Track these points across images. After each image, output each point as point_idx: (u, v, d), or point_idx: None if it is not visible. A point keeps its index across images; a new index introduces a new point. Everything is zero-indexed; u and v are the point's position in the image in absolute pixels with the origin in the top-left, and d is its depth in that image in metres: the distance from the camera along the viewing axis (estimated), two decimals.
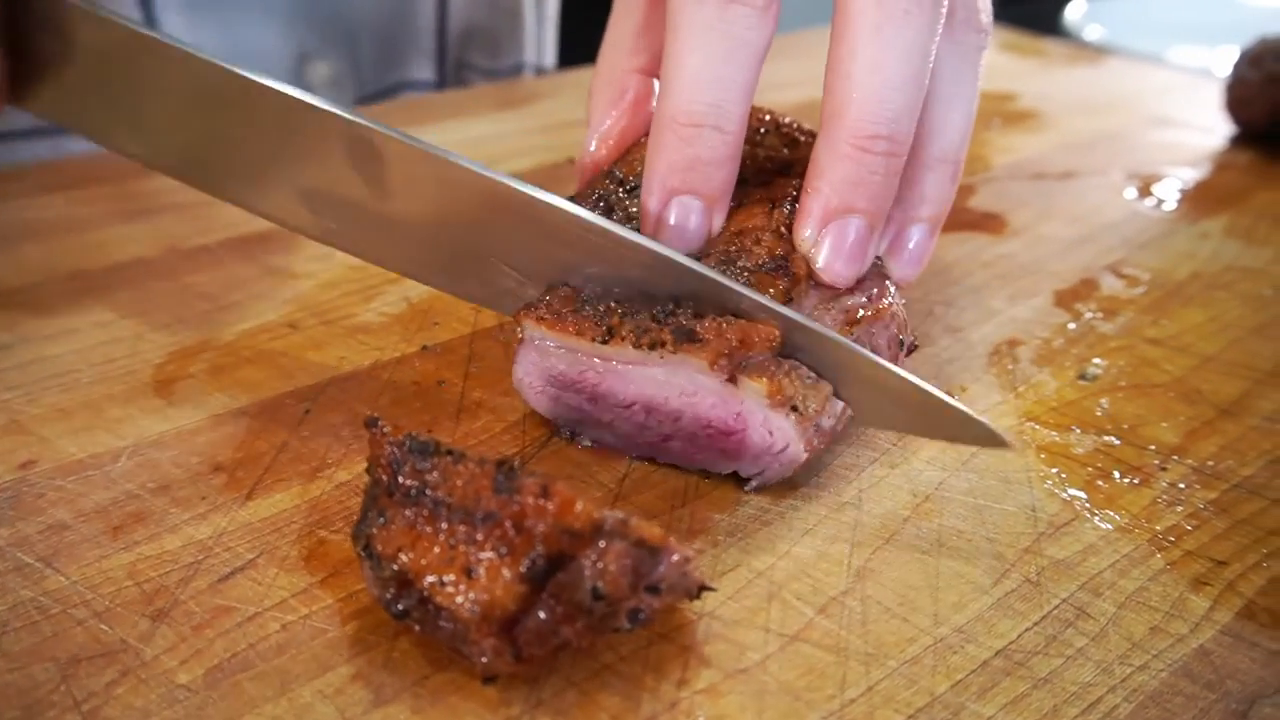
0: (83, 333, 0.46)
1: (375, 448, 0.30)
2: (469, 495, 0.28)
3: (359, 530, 0.29)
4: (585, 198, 0.42)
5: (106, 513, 0.35)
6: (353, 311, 0.49)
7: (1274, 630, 0.33)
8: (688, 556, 0.29)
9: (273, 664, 0.30)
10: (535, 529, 0.28)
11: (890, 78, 0.36)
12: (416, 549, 0.28)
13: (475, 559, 0.28)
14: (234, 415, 0.41)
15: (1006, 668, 0.31)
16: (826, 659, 0.31)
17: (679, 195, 0.38)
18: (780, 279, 0.37)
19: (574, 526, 0.28)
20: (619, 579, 0.28)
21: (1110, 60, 0.96)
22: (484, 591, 0.27)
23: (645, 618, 0.29)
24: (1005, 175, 0.68)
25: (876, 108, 0.36)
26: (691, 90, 0.37)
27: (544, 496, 0.28)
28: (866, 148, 0.36)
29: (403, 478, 0.29)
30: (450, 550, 0.28)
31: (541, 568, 0.28)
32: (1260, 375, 0.46)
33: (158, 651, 0.30)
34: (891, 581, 0.34)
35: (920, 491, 0.38)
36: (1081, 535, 0.36)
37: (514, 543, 0.28)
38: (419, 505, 0.28)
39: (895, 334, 0.39)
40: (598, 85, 0.47)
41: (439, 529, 0.28)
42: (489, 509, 0.28)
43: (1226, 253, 0.59)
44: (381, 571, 0.28)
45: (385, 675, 0.29)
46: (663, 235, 0.38)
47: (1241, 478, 0.40)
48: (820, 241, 0.38)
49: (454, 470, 0.28)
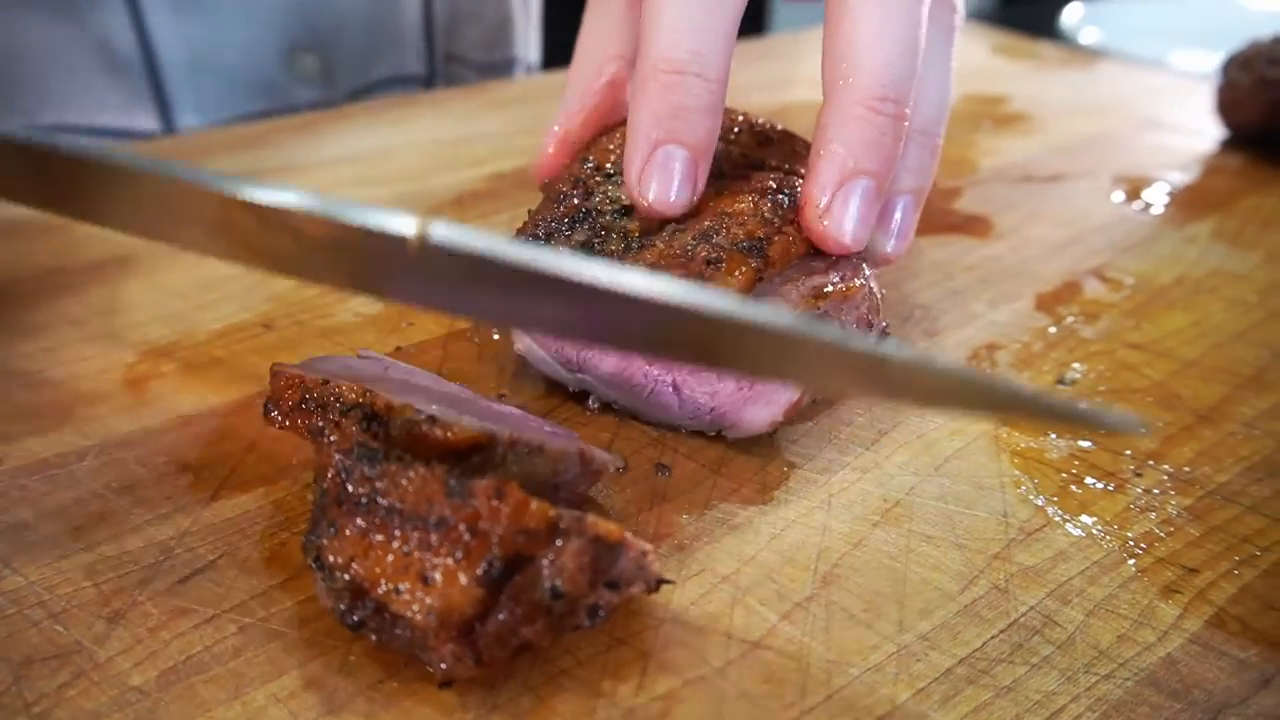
0: (55, 331, 0.46)
1: (322, 457, 0.29)
2: (421, 501, 0.28)
3: (309, 542, 0.29)
4: (562, 183, 0.42)
5: (69, 513, 0.35)
6: (329, 312, 0.48)
7: (1243, 639, 0.32)
8: (645, 550, 0.29)
9: (228, 667, 0.29)
10: (490, 531, 0.27)
11: (894, 45, 0.37)
12: (369, 558, 0.28)
13: (430, 565, 0.27)
14: (203, 415, 0.41)
15: (970, 675, 0.30)
16: (788, 666, 0.30)
17: (664, 145, 0.37)
18: (752, 259, 0.36)
19: (530, 526, 0.27)
20: (578, 576, 0.28)
21: (1104, 63, 0.96)
22: (440, 597, 0.27)
23: (605, 614, 0.28)
24: (992, 178, 0.68)
25: (885, 71, 0.37)
26: (672, 38, 0.37)
27: (498, 498, 0.27)
28: (878, 109, 0.37)
29: (351, 486, 0.28)
30: (404, 558, 0.27)
31: (498, 570, 0.27)
32: (1241, 381, 0.46)
33: (112, 653, 0.30)
34: (857, 587, 0.33)
35: (891, 496, 0.38)
36: (1052, 542, 0.36)
37: (469, 546, 0.27)
38: (370, 513, 0.28)
39: (865, 314, 0.39)
40: (574, 71, 0.47)
41: (391, 536, 0.28)
42: (442, 514, 0.27)
43: (1212, 257, 0.58)
44: (333, 583, 0.28)
45: (340, 679, 0.29)
46: (648, 188, 0.37)
47: (1217, 484, 0.39)
48: (835, 203, 0.37)
49: (404, 476, 0.28)
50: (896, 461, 0.40)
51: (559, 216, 0.40)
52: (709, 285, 0.36)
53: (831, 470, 0.39)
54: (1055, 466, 0.40)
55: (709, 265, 0.36)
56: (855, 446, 0.40)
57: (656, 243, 0.38)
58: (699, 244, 0.37)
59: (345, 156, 0.66)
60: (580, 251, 0.38)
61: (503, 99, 0.79)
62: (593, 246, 0.39)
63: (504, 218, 0.58)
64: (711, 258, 0.36)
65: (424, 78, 0.83)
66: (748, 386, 0.38)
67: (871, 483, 0.38)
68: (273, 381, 0.34)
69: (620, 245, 0.38)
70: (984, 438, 0.41)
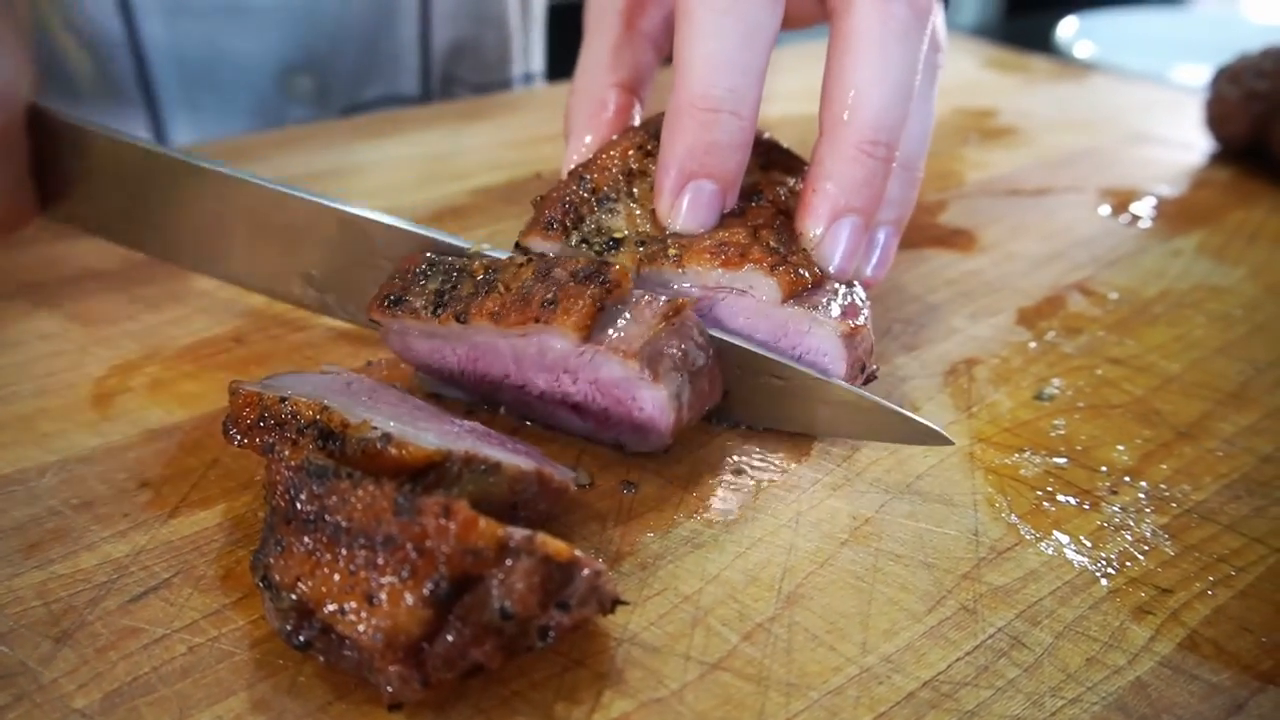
0: (26, 345, 0.46)
1: (273, 474, 0.29)
2: (369, 519, 0.27)
3: (257, 560, 0.29)
4: (553, 205, 0.42)
5: (24, 530, 0.34)
6: (301, 327, 0.48)
7: (1215, 662, 0.32)
8: (599, 570, 0.28)
9: (174, 689, 0.29)
10: (438, 550, 0.27)
11: (892, 90, 0.39)
12: (315, 577, 0.27)
13: (376, 584, 0.27)
14: (168, 430, 0.40)
15: (933, 700, 0.30)
16: (746, 689, 0.30)
17: (696, 179, 0.39)
18: (591, 285, 0.36)
19: (478, 546, 0.27)
20: (528, 597, 0.27)
21: (1095, 77, 0.95)
22: (386, 617, 0.27)
23: (556, 635, 0.28)
24: (978, 191, 0.67)
25: (882, 115, 0.39)
26: (709, 75, 0.38)
27: (445, 516, 0.27)
28: (871, 152, 0.39)
29: (300, 504, 0.28)
30: (350, 577, 0.27)
31: (446, 590, 0.27)
32: (1222, 396, 0.45)
33: (57, 674, 0.29)
34: (822, 608, 0.33)
35: (860, 514, 0.37)
36: (1024, 561, 0.35)
37: (416, 565, 0.27)
38: (317, 531, 0.28)
39: (860, 356, 0.40)
40: (575, 102, 0.47)
41: (338, 555, 0.27)
42: (389, 532, 0.27)
43: (1197, 271, 0.58)
44: (280, 602, 0.28)
45: (288, 700, 0.29)
46: (678, 218, 0.40)
47: (1194, 502, 0.39)
48: (826, 237, 0.40)
49: (353, 493, 0.27)
50: (868, 478, 0.39)
51: (422, 269, 0.40)
52: (549, 329, 0.36)
53: (801, 487, 0.38)
54: (1029, 484, 0.39)
55: (544, 307, 0.36)
56: (827, 462, 0.40)
57: (499, 285, 0.37)
58: (535, 284, 0.37)
59: (330, 170, 0.66)
60: (433, 299, 0.39)
61: (490, 113, 0.79)
62: (443, 296, 0.38)
63: (482, 233, 0.58)
64: (548, 298, 0.36)
65: (418, 99, 0.83)
66: (637, 409, 0.37)
67: (842, 499, 0.38)
68: (231, 400, 0.34)
69: (469, 290, 0.38)
70: (958, 454, 0.41)
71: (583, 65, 0.48)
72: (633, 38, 0.46)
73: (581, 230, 0.41)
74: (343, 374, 0.39)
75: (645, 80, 0.47)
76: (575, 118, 0.47)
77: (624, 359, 0.35)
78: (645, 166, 0.42)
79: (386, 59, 0.80)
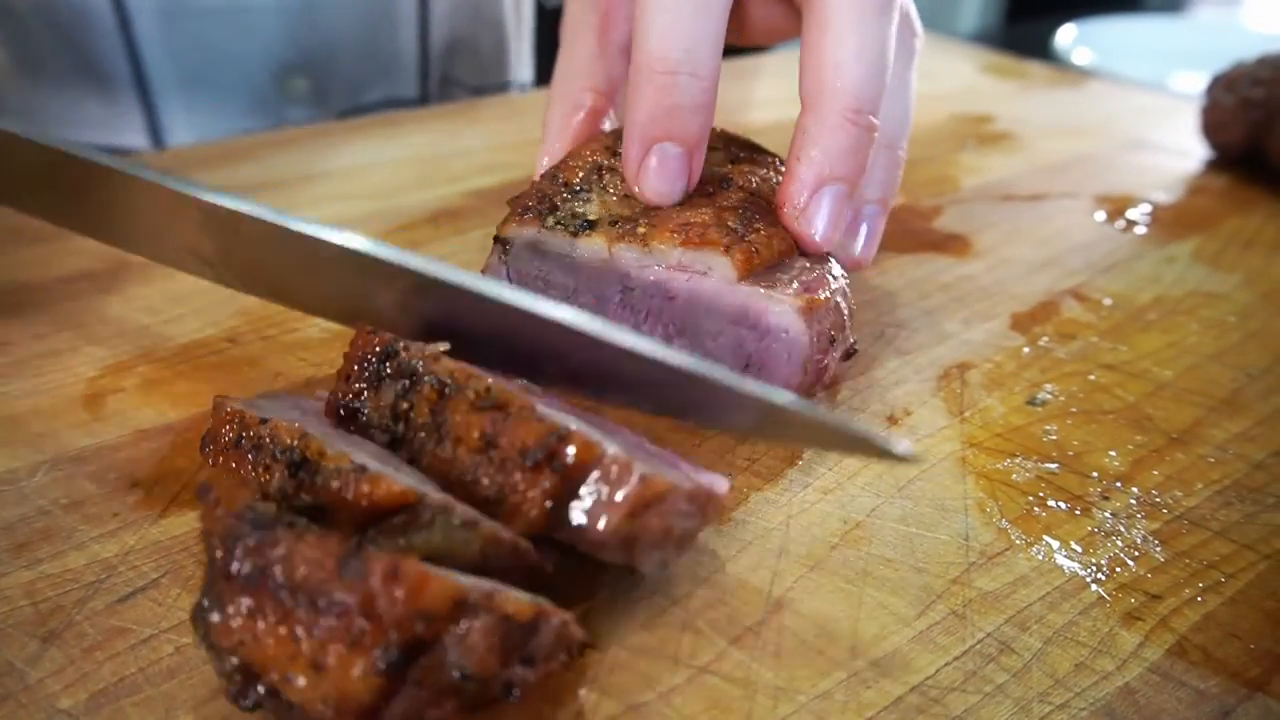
0: (18, 345, 0.46)
1: (208, 522, 0.27)
2: (313, 578, 0.25)
3: (198, 615, 0.27)
4: (528, 198, 0.43)
5: (13, 529, 0.34)
6: (295, 327, 0.48)
7: (1204, 669, 0.32)
8: (566, 619, 0.27)
9: (160, 689, 0.29)
10: (386, 615, 0.25)
11: (870, 62, 0.40)
12: (258, 642, 0.25)
13: (323, 652, 0.25)
14: (160, 431, 0.40)
15: (921, 704, 0.30)
16: (734, 692, 0.30)
17: (659, 142, 0.40)
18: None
19: (430, 609, 0.25)
20: (487, 657, 0.26)
21: (1092, 84, 0.96)
22: (334, 688, 0.25)
23: (520, 692, 0.27)
24: (973, 196, 0.68)
25: (863, 85, 0.40)
26: (664, 39, 0.39)
27: (393, 579, 0.25)
28: (855, 121, 0.40)
29: (237, 561, 0.26)
30: (294, 644, 0.25)
31: (395, 657, 0.25)
32: (1214, 403, 0.45)
33: (43, 675, 0.29)
34: (811, 612, 0.33)
35: (851, 518, 0.37)
36: (1014, 566, 0.35)
37: (362, 633, 0.25)
38: (259, 589, 0.26)
39: (827, 329, 0.40)
40: (553, 103, 0.49)
41: (281, 618, 0.25)
42: (334, 596, 0.25)
43: (1192, 277, 0.58)
44: (223, 665, 0.26)
45: None
46: (646, 183, 0.41)
47: (1185, 508, 0.39)
48: (810, 204, 0.40)
49: (296, 548, 0.26)
50: (859, 482, 0.39)
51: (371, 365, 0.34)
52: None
53: (793, 490, 0.38)
54: (1021, 489, 0.39)
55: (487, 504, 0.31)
56: (818, 466, 0.40)
57: (449, 432, 0.32)
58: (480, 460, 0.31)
59: (326, 172, 0.66)
60: (388, 414, 0.33)
61: (485, 115, 0.79)
62: (397, 420, 0.33)
63: (477, 235, 0.58)
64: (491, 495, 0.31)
65: (416, 101, 0.83)
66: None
67: (833, 504, 0.38)
68: (214, 414, 0.33)
69: (424, 418, 0.32)
70: (950, 459, 0.41)
71: (559, 74, 0.50)
72: (605, 49, 0.48)
73: (556, 215, 0.42)
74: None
75: (617, 88, 0.49)
76: (551, 118, 0.49)
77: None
78: (615, 164, 0.44)
79: (385, 62, 0.81)
